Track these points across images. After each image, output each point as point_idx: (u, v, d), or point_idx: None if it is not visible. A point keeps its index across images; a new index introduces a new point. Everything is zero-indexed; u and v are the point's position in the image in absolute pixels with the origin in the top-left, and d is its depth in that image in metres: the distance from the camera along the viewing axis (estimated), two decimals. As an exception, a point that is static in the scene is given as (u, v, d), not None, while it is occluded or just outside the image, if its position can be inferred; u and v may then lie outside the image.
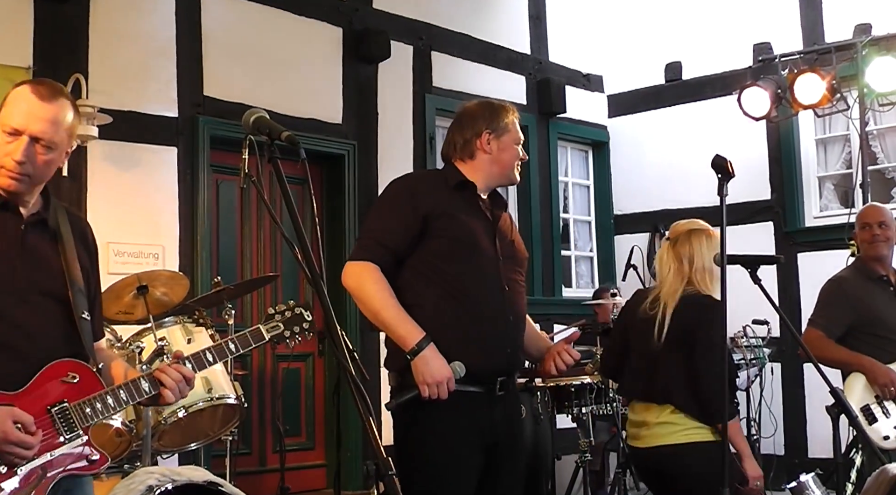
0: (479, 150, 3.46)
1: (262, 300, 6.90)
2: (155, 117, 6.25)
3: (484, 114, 3.50)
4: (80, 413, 2.51)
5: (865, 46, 7.02)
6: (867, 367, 4.57)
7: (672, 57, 8.96)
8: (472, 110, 3.55)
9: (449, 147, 3.54)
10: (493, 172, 3.48)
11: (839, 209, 8.03)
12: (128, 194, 6.03)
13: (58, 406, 2.49)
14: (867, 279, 4.78)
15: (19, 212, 2.60)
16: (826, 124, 8.18)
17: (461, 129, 3.51)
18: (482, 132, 3.46)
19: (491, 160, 3.46)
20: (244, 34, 6.78)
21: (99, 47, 6.01)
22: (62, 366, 2.54)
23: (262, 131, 2.45)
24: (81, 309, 2.62)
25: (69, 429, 2.49)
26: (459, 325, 3.25)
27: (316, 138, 6.96)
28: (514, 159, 3.51)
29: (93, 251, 2.80)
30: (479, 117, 3.49)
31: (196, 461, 5.42)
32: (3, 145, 2.54)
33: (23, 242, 2.58)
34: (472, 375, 3.24)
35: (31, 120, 2.54)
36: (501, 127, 3.48)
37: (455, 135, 3.52)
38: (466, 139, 3.47)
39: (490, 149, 3.45)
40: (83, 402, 2.52)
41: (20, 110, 2.55)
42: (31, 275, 2.56)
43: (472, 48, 8.30)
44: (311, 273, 2.34)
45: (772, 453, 7.43)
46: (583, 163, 9.55)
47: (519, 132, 3.54)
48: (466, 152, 3.47)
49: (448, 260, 3.29)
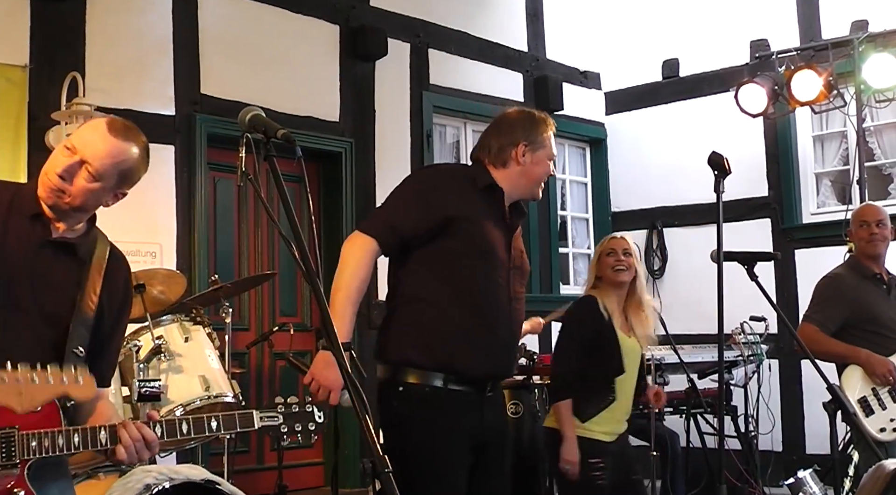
0: (513, 160, 3.39)
1: (259, 298, 6.90)
2: (152, 115, 6.24)
3: (524, 124, 3.45)
4: (25, 444, 2.33)
5: (862, 43, 7.03)
6: (864, 359, 4.59)
7: (669, 54, 8.96)
8: (512, 118, 3.50)
9: (482, 150, 3.46)
10: (521, 185, 3.43)
11: (836, 206, 8.03)
12: (125, 192, 6.02)
13: (6, 430, 2.32)
14: (861, 276, 4.82)
15: (48, 229, 2.55)
16: (823, 121, 8.18)
17: (498, 135, 3.45)
18: (519, 142, 3.39)
19: (522, 172, 3.40)
20: (241, 32, 6.77)
21: (96, 45, 6.00)
22: None
23: (259, 129, 2.45)
24: (77, 342, 2.52)
25: (7, 457, 2.31)
26: (466, 328, 3.23)
27: (313, 136, 6.96)
28: (545, 175, 3.47)
29: (123, 289, 2.71)
30: (518, 127, 3.44)
31: (194, 459, 5.43)
32: (59, 158, 2.53)
33: (36, 257, 2.51)
34: (468, 377, 3.24)
35: (90, 145, 2.53)
36: (539, 141, 3.42)
37: (491, 139, 3.46)
38: (502, 146, 3.41)
39: (524, 161, 3.39)
40: (32, 435, 2.34)
41: (86, 134, 2.56)
42: (36, 294, 2.50)
43: (470, 45, 8.29)
44: (307, 271, 2.34)
45: (769, 449, 7.43)
46: (580, 160, 9.55)
47: (554, 148, 3.50)
48: (500, 159, 3.40)
49: (464, 262, 3.25)
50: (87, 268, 2.59)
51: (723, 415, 4.26)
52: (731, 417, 6.61)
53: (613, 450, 4.25)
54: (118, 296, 2.69)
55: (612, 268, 4.35)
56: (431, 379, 3.20)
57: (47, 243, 2.54)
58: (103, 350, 2.65)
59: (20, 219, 2.53)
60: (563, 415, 4.18)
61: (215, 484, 3.29)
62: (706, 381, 6.45)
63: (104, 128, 2.56)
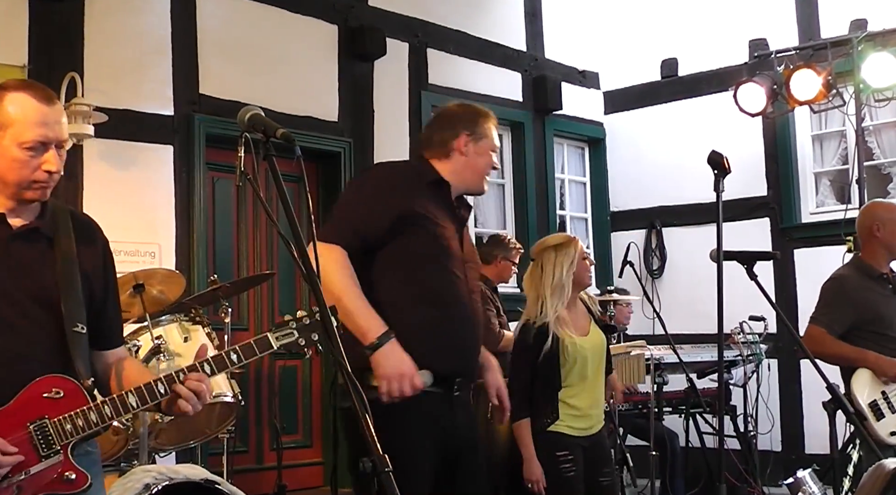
0: (455, 151, 3.40)
1: (258, 298, 6.90)
2: (151, 115, 6.24)
3: (465, 116, 3.47)
4: (60, 430, 2.37)
5: (861, 42, 7.03)
6: (872, 361, 4.56)
7: (668, 53, 8.96)
8: (453, 110, 3.53)
9: (424, 143, 3.49)
10: (465, 177, 3.42)
11: (835, 205, 8.02)
12: (124, 193, 6.03)
13: (37, 422, 2.36)
14: (867, 277, 4.77)
15: (6, 223, 2.50)
16: (822, 120, 8.18)
17: (440, 127, 3.47)
18: (461, 133, 3.40)
19: (465, 163, 3.41)
20: (240, 32, 6.77)
21: (94, 45, 6.00)
22: (47, 381, 2.41)
23: (258, 129, 2.44)
24: (75, 320, 2.51)
25: (47, 446, 2.36)
26: (433, 328, 3.20)
27: (312, 136, 6.95)
28: (488, 167, 3.46)
29: (101, 252, 2.70)
30: (459, 118, 3.45)
31: (193, 459, 5.43)
32: (27, 161, 2.44)
33: (9, 252, 2.49)
34: (436, 377, 3.20)
35: (51, 127, 2.46)
36: (480, 132, 3.43)
37: (433, 132, 3.48)
38: (444, 138, 3.42)
39: (466, 151, 3.40)
40: (64, 419, 2.38)
41: (36, 121, 2.44)
42: (20, 286, 2.47)
43: (468, 45, 8.29)
44: (307, 270, 2.34)
45: (768, 449, 7.44)
46: (579, 160, 9.56)
47: (496, 140, 3.49)
48: (442, 151, 3.41)
49: (424, 261, 3.23)
50: (57, 243, 2.55)
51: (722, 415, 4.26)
52: (731, 417, 6.61)
53: (582, 445, 4.24)
54: (98, 258, 2.67)
55: (587, 272, 4.36)
56: None
57: (11, 237, 2.51)
58: (102, 313, 2.64)
59: None
60: (522, 435, 4.18)
61: (215, 483, 3.28)
62: (705, 381, 6.47)
63: (43, 105, 2.46)
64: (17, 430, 2.34)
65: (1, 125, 2.44)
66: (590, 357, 4.29)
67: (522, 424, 4.18)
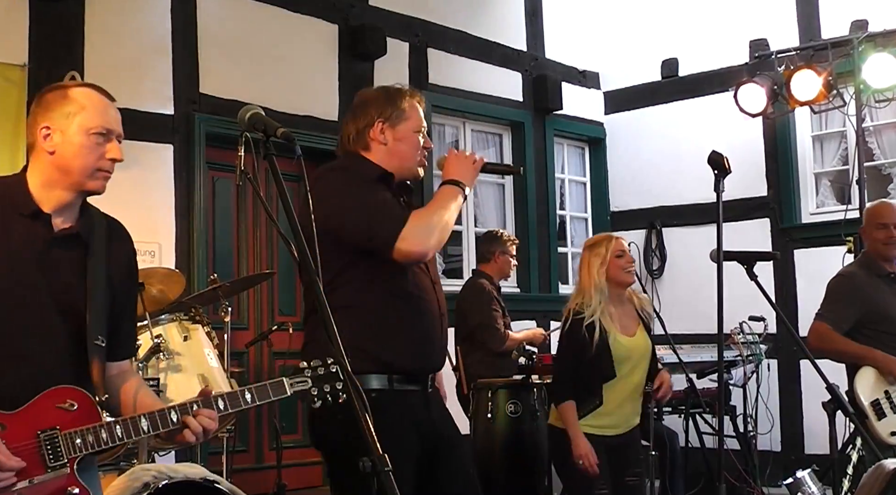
0: (374, 141, 3.16)
1: (258, 297, 6.90)
2: (151, 114, 6.24)
3: (377, 101, 3.21)
4: (70, 443, 2.36)
5: (862, 43, 7.01)
6: (879, 360, 4.56)
7: (668, 53, 8.95)
8: (365, 98, 3.28)
9: (343, 138, 3.25)
10: (394, 165, 3.16)
11: (835, 205, 8.02)
12: (123, 191, 5.94)
13: (48, 432, 2.35)
14: (875, 275, 4.78)
15: (50, 224, 2.51)
16: (822, 120, 8.18)
17: (354, 119, 3.22)
18: (374, 121, 3.16)
19: (387, 151, 3.16)
20: (240, 31, 6.77)
21: (94, 44, 6.00)
22: (62, 392, 2.40)
23: (258, 128, 2.44)
24: (96, 333, 2.51)
25: (55, 458, 2.34)
26: (404, 325, 3.07)
27: (312, 135, 6.94)
28: (415, 150, 3.21)
29: (130, 262, 2.71)
30: (371, 105, 3.20)
31: (193, 458, 5.42)
32: (94, 148, 2.52)
33: (48, 257, 2.48)
34: (411, 375, 3.10)
35: (115, 119, 2.58)
36: (396, 114, 3.17)
37: (349, 125, 3.24)
38: (359, 129, 3.18)
39: (385, 139, 3.15)
40: (75, 433, 2.37)
41: (102, 110, 2.56)
42: (50, 292, 2.47)
43: (469, 45, 8.29)
44: (306, 270, 2.33)
45: (768, 449, 7.44)
46: (579, 159, 9.56)
47: (420, 118, 3.23)
48: (361, 143, 3.18)
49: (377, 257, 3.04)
50: (91, 250, 2.57)
51: (722, 415, 4.26)
52: (730, 417, 6.61)
53: (610, 444, 4.28)
54: (125, 268, 2.68)
55: (624, 270, 4.37)
56: (373, 382, 3.00)
57: (53, 240, 2.51)
58: (119, 324, 2.63)
59: (19, 218, 2.49)
60: (567, 417, 4.26)
61: (214, 482, 3.29)
62: (705, 381, 6.45)
63: (107, 101, 2.60)
64: (26, 437, 2.33)
65: (69, 113, 2.52)
66: (626, 357, 4.32)
67: (566, 406, 4.28)
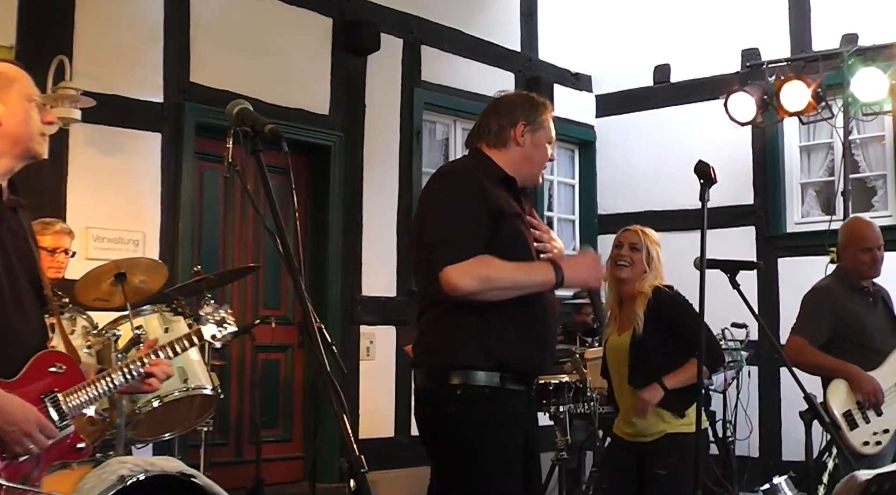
0: (512, 141, 3.28)
1: (243, 290, 6.87)
2: (140, 102, 6.21)
3: (524, 105, 3.34)
4: (69, 403, 2.53)
5: (851, 56, 7.06)
6: (853, 375, 4.59)
7: (661, 59, 8.97)
8: (511, 99, 3.41)
9: (481, 131, 3.33)
10: (522, 169, 3.30)
11: (820, 216, 8.07)
12: (109, 179, 5.99)
13: (50, 395, 2.50)
14: (850, 289, 4.81)
15: (1, 194, 2.56)
16: (810, 131, 8.21)
17: (497, 115, 3.32)
18: (518, 122, 3.28)
19: (523, 154, 3.28)
20: (233, 21, 6.75)
21: (85, 29, 5.96)
22: (49, 356, 2.54)
23: (246, 123, 2.42)
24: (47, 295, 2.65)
25: (61, 419, 2.50)
26: (521, 323, 3.14)
27: (302, 129, 6.94)
28: (545, 160, 3.35)
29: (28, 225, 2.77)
30: (518, 107, 3.33)
31: (171, 450, 5.40)
32: (34, 114, 2.57)
33: (6, 226, 2.56)
34: (522, 374, 3.19)
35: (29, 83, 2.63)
36: (538, 122, 3.31)
37: (490, 119, 3.33)
38: (502, 126, 3.28)
39: (524, 141, 3.28)
40: (72, 392, 2.54)
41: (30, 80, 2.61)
42: (19, 260, 2.56)
43: (463, 43, 8.28)
44: (290, 266, 2.33)
45: (746, 455, 7.47)
46: (569, 162, 9.56)
47: (553, 132, 3.38)
48: (500, 140, 3.28)
49: (512, 256, 3.12)
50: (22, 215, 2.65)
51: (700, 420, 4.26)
52: (710, 422, 6.63)
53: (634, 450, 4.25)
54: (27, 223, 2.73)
55: (615, 263, 4.32)
56: (490, 378, 3.08)
57: (6, 209, 2.58)
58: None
59: None
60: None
61: (190, 476, 3.28)
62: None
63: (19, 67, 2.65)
64: (33, 402, 2.46)
65: (6, 82, 2.57)
66: (612, 358, 4.35)
67: None
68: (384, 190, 7.57)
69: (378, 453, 6.68)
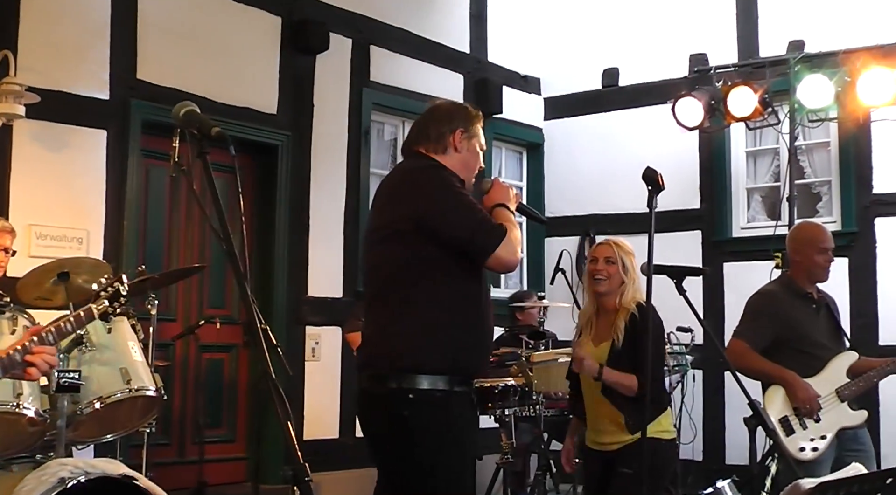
0: (451, 146, 3.40)
1: (188, 289, 6.80)
2: (85, 98, 6.12)
3: (460, 113, 3.50)
4: None
5: (798, 63, 7.16)
6: (789, 382, 4.62)
7: (610, 63, 9.03)
8: (447, 106, 3.55)
9: (420, 136, 3.45)
10: (461, 174, 3.41)
11: (766, 221, 8.17)
12: (54, 176, 5.90)
13: None
14: (794, 295, 4.84)
15: None
16: (757, 137, 8.32)
17: (436, 122, 3.45)
18: (457, 129, 3.41)
19: (461, 160, 3.41)
20: (181, 18, 6.67)
21: (31, 24, 5.86)
22: None
23: (193, 126, 2.41)
24: None
25: None
26: (473, 330, 3.24)
27: (250, 127, 6.88)
28: (478, 165, 3.49)
29: None
30: (455, 114, 3.48)
31: (112, 451, 5.32)
32: None
33: None
34: (469, 377, 3.26)
35: None
36: (473, 130, 3.46)
37: (429, 125, 3.45)
38: (441, 132, 3.41)
39: (461, 147, 3.41)
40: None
41: None
42: None
43: (412, 44, 8.27)
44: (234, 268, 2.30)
45: (690, 458, 7.53)
46: (517, 164, 9.59)
47: (483, 140, 3.52)
48: (440, 145, 3.40)
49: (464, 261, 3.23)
50: None
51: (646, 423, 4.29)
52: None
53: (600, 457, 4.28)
54: None
55: (592, 278, 4.34)
56: (441, 382, 3.14)
57: None
58: None
59: None
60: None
61: (132, 479, 3.23)
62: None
63: None
64: None
65: None
66: None
67: None
68: (332, 190, 7.53)
69: (323, 454, 6.67)
